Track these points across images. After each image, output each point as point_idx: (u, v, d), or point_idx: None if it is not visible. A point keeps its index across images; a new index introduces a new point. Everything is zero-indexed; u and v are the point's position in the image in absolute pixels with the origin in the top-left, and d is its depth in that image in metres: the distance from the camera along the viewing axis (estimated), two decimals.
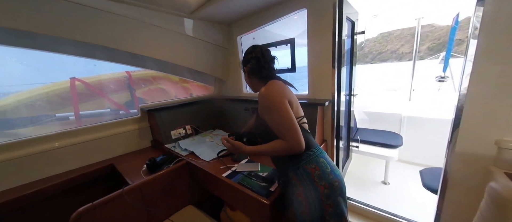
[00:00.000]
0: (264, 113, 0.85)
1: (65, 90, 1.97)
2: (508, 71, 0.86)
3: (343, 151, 2.15)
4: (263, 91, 0.85)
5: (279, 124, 0.80)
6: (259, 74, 0.95)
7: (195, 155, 1.50)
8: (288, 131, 0.78)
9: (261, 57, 0.93)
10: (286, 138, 0.78)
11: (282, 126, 0.79)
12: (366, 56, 15.93)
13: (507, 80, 0.87)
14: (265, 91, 0.84)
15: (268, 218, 0.91)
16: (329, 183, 0.83)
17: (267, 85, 0.87)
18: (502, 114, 0.91)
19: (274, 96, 0.82)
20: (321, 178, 0.83)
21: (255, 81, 0.98)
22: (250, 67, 0.95)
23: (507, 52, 0.85)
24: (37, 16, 1.10)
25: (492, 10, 0.85)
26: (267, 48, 0.96)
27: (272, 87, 0.86)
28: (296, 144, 0.77)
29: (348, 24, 1.68)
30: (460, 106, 0.99)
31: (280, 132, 0.80)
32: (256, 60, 0.93)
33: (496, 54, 0.88)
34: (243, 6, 1.54)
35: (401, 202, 1.83)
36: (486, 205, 0.76)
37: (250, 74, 0.98)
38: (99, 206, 0.99)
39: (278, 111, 0.80)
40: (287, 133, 0.78)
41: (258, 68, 0.94)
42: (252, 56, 0.94)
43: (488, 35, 0.88)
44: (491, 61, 0.89)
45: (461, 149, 1.02)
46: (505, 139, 0.92)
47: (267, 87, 0.86)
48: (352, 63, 1.88)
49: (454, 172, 1.07)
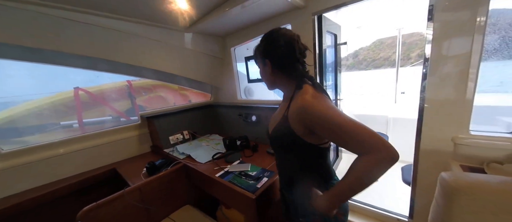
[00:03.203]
0: (319, 127, 0.63)
1: (70, 100, 2.10)
2: (454, 77, 1.01)
3: (333, 151, 2.28)
4: (309, 101, 0.64)
5: (347, 131, 0.58)
6: (290, 70, 0.71)
7: (192, 158, 1.62)
8: (368, 137, 0.55)
9: (296, 46, 0.69)
10: (371, 148, 0.55)
11: (354, 134, 0.57)
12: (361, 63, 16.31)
13: (453, 86, 1.02)
14: (312, 102, 0.63)
15: (255, 211, 1.03)
16: (344, 210, 0.77)
17: (308, 92, 0.66)
18: (456, 115, 1.06)
19: (320, 102, 0.64)
20: (341, 207, 0.73)
21: (282, 78, 0.74)
22: (278, 60, 0.71)
23: (453, 60, 1.01)
24: (51, 36, 1.25)
25: (440, 26, 1.01)
26: (298, 34, 0.71)
27: (309, 92, 0.66)
28: (388, 151, 0.53)
29: (331, 36, 1.85)
30: (421, 108, 1.14)
31: (358, 143, 0.57)
32: (288, 50, 0.69)
33: (444, 62, 1.03)
34: (234, 22, 1.70)
35: (385, 196, 1.94)
36: (438, 193, 0.88)
37: (276, 68, 0.72)
38: (102, 205, 1.11)
39: (338, 115, 0.60)
40: (368, 140, 0.55)
41: (289, 62, 0.70)
42: (281, 44, 0.68)
43: (437, 47, 1.04)
44: (441, 68, 1.05)
45: (425, 146, 1.16)
46: (459, 136, 1.06)
47: (314, 97, 0.65)
48: (336, 71, 2.03)
49: (421, 166, 1.21)
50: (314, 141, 0.70)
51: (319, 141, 0.71)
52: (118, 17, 1.42)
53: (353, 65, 17.60)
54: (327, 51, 1.69)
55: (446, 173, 0.86)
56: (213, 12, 1.49)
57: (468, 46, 0.96)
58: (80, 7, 1.26)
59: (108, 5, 1.30)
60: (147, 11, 1.42)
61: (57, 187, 1.39)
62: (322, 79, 1.57)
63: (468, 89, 1.00)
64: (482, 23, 0.92)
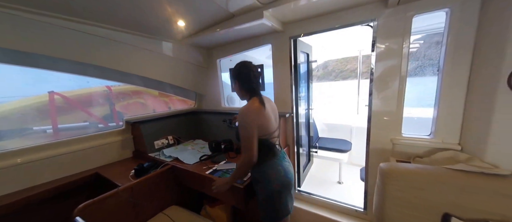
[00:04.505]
0: (239, 126, 1.12)
1: (44, 104, 2.01)
2: (390, 92, 1.38)
3: (305, 156, 2.57)
4: (242, 109, 1.08)
5: (243, 140, 1.07)
6: (247, 86, 1.16)
7: (179, 160, 1.72)
8: (246, 148, 1.06)
9: (251, 72, 1.15)
10: (245, 152, 1.07)
11: (245, 143, 1.06)
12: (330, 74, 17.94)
13: (390, 99, 1.39)
14: (243, 111, 1.08)
15: (243, 197, 1.22)
16: (281, 183, 1.14)
17: (248, 104, 1.11)
18: (393, 121, 1.42)
19: (247, 117, 1.06)
20: (276, 180, 1.14)
21: (243, 91, 1.18)
22: (240, 80, 1.16)
23: (388, 79, 1.38)
24: (44, 41, 1.28)
25: (379, 53, 1.38)
26: (255, 65, 1.19)
27: (251, 110, 1.08)
28: (250, 159, 1.06)
29: (304, 55, 2.19)
30: (369, 117, 1.49)
31: (243, 146, 1.09)
32: (247, 76, 1.14)
33: (381, 80, 1.40)
34: (222, 38, 1.91)
35: (350, 193, 2.29)
36: (378, 179, 1.20)
37: (240, 85, 1.18)
38: (98, 202, 1.16)
39: (246, 130, 1.06)
40: (245, 149, 1.07)
41: (246, 81, 1.15)
42: (243, 70, 1.15)
43: (378, 70, 1.40)
44: (381, 86, 1.41)
45: (373, 147, 1.51)
46: (395, 138, 1.42)
47: (247, 107, 1.09)
48: (309, 84, 2.38)
49: (371, 163, 1.54)
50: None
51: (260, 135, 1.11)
52: (112, 28, 1.51)
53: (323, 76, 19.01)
54: (302, 66, 2.01)
55: (383, 164, 1.18)
56: (205, 30, 1.69)
57: (398, 69, 1.33)
58: (75, 17, 1.33)
59: (106, 17, 1.39)
60: (143, 24, 1.55)
61: (31, 193, 1.35)
62: (297, 89, 1.86)
63: (398, 103, 1.37)
64: (405, 51, 1.30)
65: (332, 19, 1.51)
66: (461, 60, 1.16)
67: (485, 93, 1.04)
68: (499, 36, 0.96)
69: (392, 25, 1.30)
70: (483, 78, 1.07)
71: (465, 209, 0.97)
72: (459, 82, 1.18)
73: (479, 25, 1.09)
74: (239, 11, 1.47)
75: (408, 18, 1.24)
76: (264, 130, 1.12)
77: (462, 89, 1.18)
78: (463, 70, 1.16)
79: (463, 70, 1.17)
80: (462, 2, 1.11)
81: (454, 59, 1.18)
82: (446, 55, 1.20)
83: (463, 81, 1.17)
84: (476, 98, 1.12)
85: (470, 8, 1.09)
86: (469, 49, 1.13)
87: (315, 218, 1.79)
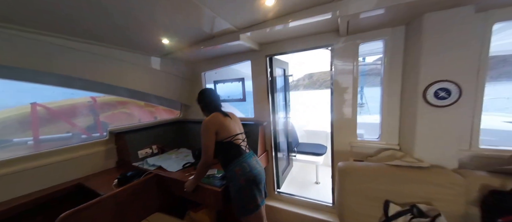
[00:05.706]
0: (201, 134, 1.36)
1: (25, 115, 2.02)
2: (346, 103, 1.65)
3: (285, 160, 2.77)
4: (204, 121, 1.35)
5: (202, 145, 1.34)
6: (207, 108, 1.51)
7: (163, 169, 1.82)
8: (204, 152, 1.33)
9: (207, 98, 1.51)
10: (203, 155, 1.34)
11: (203, 147, 1.33)
12: (315, 83, 19.20)
13: (346, 108, 1.66)
14: (204, 122, 1.35)
15: (220, 200, 1.36)
16: (246, 178, 1.31)
17: (208, 117, 1.38)
18: (350, 127, 1.68)
19: (205, 126, 1.33)
20: (242, 175, 1.32)
21: (205, 112, 1.53)
22: (202, 104, 1.53)
23: (344, 92, 1.65)
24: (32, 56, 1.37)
25: (336, 70, 1.66)
26: (214, 91, 1.58)
27: (209, 120, 1.35)
28: (206, 160, 1.33)
29: (281, 70, 2.45)
30: (332, 123, 1.74)
31: (202, 150, 1.34)
32: (204, 101, 1.52)
33: (339, 93, 1.67)
34: (206, 54, 2.11)
35: (323, 192, 2.51)
36: (337, 176, 1.42)
37: (202, 107, 1.54)
38: (80, 211, 1.23)
39: (204, 136, 1.32)
40: (203, 153, 1.34)
41: (206, 105, 1.51)
42: (202, 98, 1.52)
43: (336, 84, 1.68)
44: (339, 98, 1.68)
45: (336, 149, 1.75)
46: (352, 141, 1.68)
47: (207, 119, 1.36)
48: (286, 95, 2.63)
49: (336, 164, 1.78)
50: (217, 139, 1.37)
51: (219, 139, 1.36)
52: (100, 44, 1.63)
53: (309, 85, 19.99)
54: (279, 79, 2.27)
55: (340, 163, 1.42)
56: (190, 47, 1.87)
57: (350, 83, 1.62)
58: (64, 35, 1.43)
59: (94, 34, 1.51)
60: (131, 40, 1.69)
61: (9, 206, 1.36)
62: (273, 100, 2.09)
63: (353, 111, 1.64)
64: (355, 70, 1.59)
65: (300, 43, 1.79)
66: (395, 76, 1.49)
67: (410, 103, 1.34)
68: (415, 61, 1.27)
69: (345, 49, 1.60)
70: (408, 92, 1.38)
71: (400, 195, 1.22)
72: (395, 92, 1.49)
73: (404, 51, 1.41)
74: (219, 33, 1.69)
75: (356, 45, 1.55)
76: (225, 133, 1.36)
77: (397, 99, 1.49)
78: (397, 84, 1.49)
79: (396, 84, 1.49)
80: (392, 34, 1.43)
81: (390, 75, 1.50)
82: (384, 71, 1.52)
83: (397, 93, 1.48)
84: (405, 107, 1.43)
85: (398, 39, 1.43)
86: (399, 68, 1.46)
87: (293, 216, 1.97)
